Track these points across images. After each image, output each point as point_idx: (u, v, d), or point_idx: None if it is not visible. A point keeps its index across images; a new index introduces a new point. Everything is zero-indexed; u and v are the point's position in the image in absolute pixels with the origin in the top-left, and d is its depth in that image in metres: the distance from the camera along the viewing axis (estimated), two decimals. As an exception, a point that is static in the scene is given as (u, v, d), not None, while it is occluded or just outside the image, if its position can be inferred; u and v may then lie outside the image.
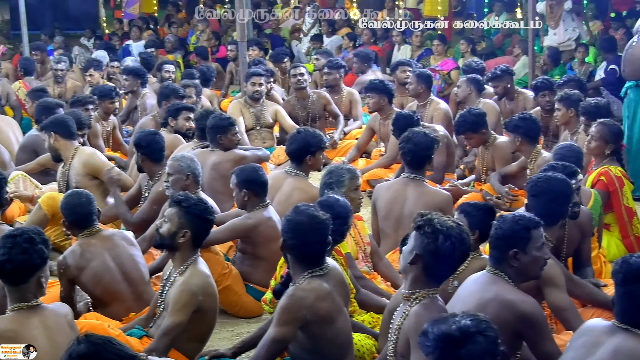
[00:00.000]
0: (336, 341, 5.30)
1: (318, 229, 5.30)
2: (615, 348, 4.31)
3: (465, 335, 3.84)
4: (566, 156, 7.40)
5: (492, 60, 16.92)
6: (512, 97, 11.78)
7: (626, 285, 4.40)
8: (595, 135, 8.04)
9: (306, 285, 5.22)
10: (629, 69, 10.00)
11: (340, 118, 12.48)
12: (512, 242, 5.05)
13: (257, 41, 17.46)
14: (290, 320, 5.15)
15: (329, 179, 6.92)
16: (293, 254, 5.35)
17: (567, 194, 6.10)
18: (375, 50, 17.88)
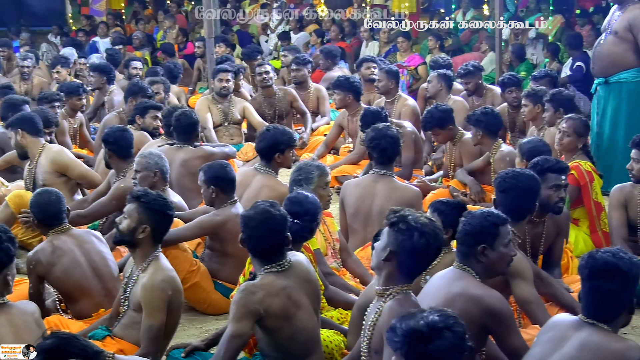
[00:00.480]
0: (298, 338, 5.29)
1: (267, 224, 5.29)
2: (582, 342, 4.34)
3: (433, 330, 3.85)
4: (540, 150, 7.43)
5: (460, 57, 16.99)
6: (480, 94, 11.84)
7: (592, 280, 4.43)
8: (568, 130, 8.08)
9: (258, 282, 5.24)
10: (598, 66, 10.07)
11: (307, 115, 12.49)
12: (480, 238, 5.07)
13: (224, 38, 17.41)
14: (243, 315, 5.15)
15: (298, 175, 6.93)
16: (248, 248, 5.39)
17: (534, 190, 6.13)
18: (342, 46, 17.90)
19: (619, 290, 4.39)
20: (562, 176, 6.70)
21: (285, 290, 5.26)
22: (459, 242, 5.16)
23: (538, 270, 6.43)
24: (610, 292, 4.39)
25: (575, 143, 8.11)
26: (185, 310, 7.26)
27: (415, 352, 3.85)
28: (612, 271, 4.37)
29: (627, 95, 9.87)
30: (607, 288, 4.39)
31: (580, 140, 8.15)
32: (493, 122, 9.00)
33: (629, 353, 4.20)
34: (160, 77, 12.55)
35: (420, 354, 3.85)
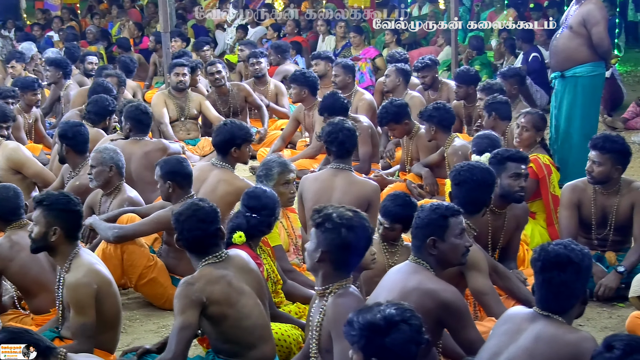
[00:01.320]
0: (244, 324, 5.31)
1: (196, 215, 5.35)
2: (537, 334, 4.37)
3: (390, 323, 3.88)
4: (488, 146, 7.49)
5: (416, 51, 17.05)
6: (436, 88, 11.91)
7: (544, 272, 4.47)
8: (527, 125, 8.13)
9: (196, 274, 5.30)
10: (554, 60, 10.14)
11: (263, 109, 12.47)
12: (430, 230, 5.10)
13: (179, 32, 17.35)
14: (187, 306, 5.18)
15: (260, 171, 6.96)
16: (183, 246, 5.45)
17: (489, 183, 6.17)
18: (299, 40, 17.90)
19: (572, 281, 4.43)
20: (522, 165, 6.77)
21: (224, 277, 5.31)
22: (412, 235, 5.19)
23: (495, 264, 6.46)
24: (563, 284, 4.43)
25: (533, 137, 8.17)
26: (143, 305, 7.27)
27: (373, 346, 3.88)
28: (564, 263, 4.41)
29: (582, 90, 9.93)
30: (560, 280, 4.43)
31: (539, 134, 8.22)
32: (445, 116, 9.10)
33: (583, 344, 4.24)
34: (115, 71, 12.49)
35: (377, 347, 3.87)
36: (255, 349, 5.36)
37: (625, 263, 7.05)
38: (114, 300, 5.80)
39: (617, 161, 7.16)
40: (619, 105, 14.44)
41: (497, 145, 7.67)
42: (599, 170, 7.17)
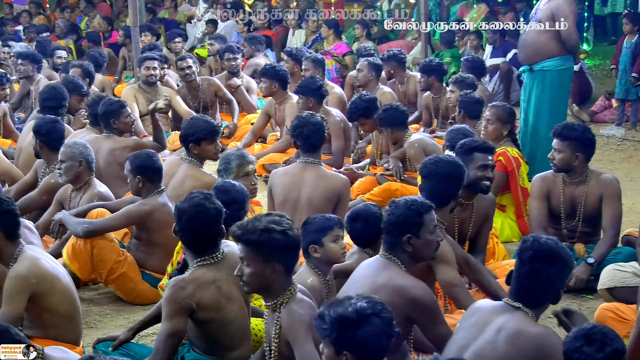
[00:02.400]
0: (228, 330, 5.29)
1: (200, 218, 5.28)
2: (501, 326, 4.37)
3: (361, 317, 3.89)
4: (456, 138, 7.52)
5: (386, 44, 17.07)
6: (403, 81, 11.97)
7: (533, 262, 4.47)
8: (492, 118, 8.17)
9: (187, 276, 5.23)
10: (523, 54, 10.20)
11: (233, 103, 12.44)
12: (406, 227, 5.10)
13: (149, 26, 17.27)
14: (176, 312, 5.13)
15: (220, 165, 6.97)
16: (182, 240, 5.40)
17: (455, 176, 6.16)
18: (269, 34, 17.87)
19: (555, 277, 4.47)
20: (489, 156, 6.79)
21: (215, 282, 5.25)
22: (385, 232, 5.18)
23: (467, 256, 6.49)
24: (547, 277, 4.46)
25: (499, 130, 8.20)
26: (113, 300, 7.25)
27: (344, 339, 3.89)
28: (555, 257, 4.45)
29: (551, 83, 9.99)
30: (546, 273, 4.46)
31: (505, 127, 8.25)
32: (395, 114, 9.19)
33: (545, 338, 4.25)
34: (81, 62, 12.42)
35: (348, 341, 3.89)
36: (233, 351, 5.36)
37: (594, 254, 7.09)
38: (64, 296, 5.71)
39: (577, 148, 7.20)
40: (588, 98, 14.55)
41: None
42: (559, 157, 7.23)
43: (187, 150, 7.83)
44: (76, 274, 6.92)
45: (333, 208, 7.28)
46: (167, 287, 5.23)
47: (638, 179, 10.51)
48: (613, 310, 6.13)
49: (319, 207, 7.17)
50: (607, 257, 7.04)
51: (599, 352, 3.89)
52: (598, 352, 3.89)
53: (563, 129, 7.30)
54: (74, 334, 5.82)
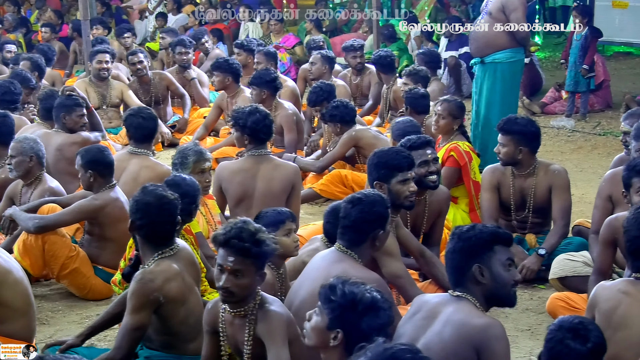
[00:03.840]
0: (189, 321, 5.27)
1: (166, 208, 5.26)
2: (447, 318, 4.37)
3: (375, 306, 3.92)
4: (408, 131, 7.54)
5: (338, 37, 17.10)
6: (359, 72, 12.02)
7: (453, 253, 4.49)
8: (443, 113, 8.17)
9: (154, 268, 5.17)
10: (474, 46, 10.25)
11: (186, 97, 12.39)
12: (377, 224, 5.14)
13: (100, 19, 17.14)
14: (143, 305, 5.09)
15: (176, 159, 6.92)
16: (142, 234, 5.29)
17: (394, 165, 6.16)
18: (220, 28, 17.82)
19: (453, 252, 4.46)
20: (428, 150, 6.80)
21: (180, 274, 5.23)
22: (351, 229, 5.13)
23: (422, 249, 6.53)
24: (447, 255, 4.50)
25: (450, 125, 8.21)
26: (65, 296, 7.20)
27: (346, 318, 3.90)
28: (452, 235, 4.48)
29: (502, 76, 10.05)
30: (446, 250, 4.50)
31: (456, 122, 8.26)
32: (346, 112, 9.25)
33: (489, 330, 4.24)
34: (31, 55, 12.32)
35: (349, 322, 3.90)
36: (192, 343, 5.32)
37: (545, 245, 7.15)
38: (16, 289, 5.60)
39: (520, 142, 7.25)
40: (538, 90, 14.67)
41: (418, 131, 7.73)
42: (504, 151, 7.28)
43: (136, 143, 7.81)
44: (27, 270, 6.84)
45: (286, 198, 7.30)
46: (134, 281, 5.17)
47: (588, 170, 10.61)
48: (564, 300, 6.21)
49: (275, 200, 7.17)
50: (558, 247, 7.11)
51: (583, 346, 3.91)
52: (582, 345, 3.91)
53: (506, 123, 7.35)
54: (28, 330, 5.75)
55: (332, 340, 3.89)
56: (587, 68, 12.71)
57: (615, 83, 14.37)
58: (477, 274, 4.39)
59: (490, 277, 4.39)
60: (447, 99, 8.32)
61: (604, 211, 6.62)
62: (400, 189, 6.14)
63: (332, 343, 3.90)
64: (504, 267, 4.42)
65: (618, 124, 10.49)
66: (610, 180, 6.76)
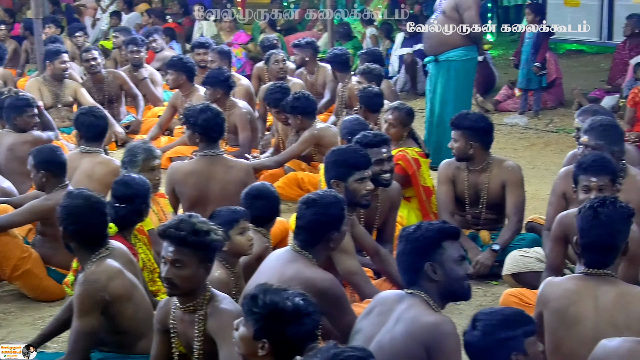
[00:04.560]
0: (137, 317, 5.26)
1: (97, 208, 5.26)
2: (400, 315, 4.38)
3: (297, 314, 3.89)
4: (356, 129, 7.55)
5: (293, 36, 17.08)
6: (312, 71, 12.01)
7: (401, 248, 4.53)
8: (394, 122, 8.08)
9: (95, 268, 5.15)
10: (428, 45, 10.33)
11: (139, 98, 12.31)
12: (333, 226, 5.15)
13: (53, 18, 17.00)
14: (90, 308, 5.06)
15: (125, 157, 6.87)
16: (77, 239, 5.27)
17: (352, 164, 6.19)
18: (172, 27, 17.76)
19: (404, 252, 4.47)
20: (382, 149, 6.81)
21: (121, 271, 5.21)
22: (305, 230, 5.14)
23: (377, 247, 6.54)
24: (398, 255, 4.52)
25: (400, 132, 8.13)
26: (18, 297, 7.14)
27: (270, 328, 3.88)
28: (401, 235, 4.51)
29: (455, 74, 10.15)
30: (398, 251, 4.52)
31: (406, 129, 8.19)
32: (307, 104, 9.24)
33: (440, 326, 4.24)
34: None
35: (274, 332, 3.88)
36: (143, 339, 5.29)
37: (499, 241, 7.20)
38: None
39: (471, 137, 7.29)
40: (492, 87, 14.77)
41: (366, 129, 7.74)
42: (456, 146, 7.33)
43: (87, 142, 7.77)
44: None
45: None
46: (78, 284, 5.13)
47: (541, 166, 10.70)
48: (517, 296, 6.24)
49: (230, 201, 7.13)
50: (511, 243, 7.15)
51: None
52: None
53: (457, 118, 7.41)
54: None
55: (260, 350, 3.90)
56: (539, 66, 12.80)
57: (568, 81, 14.49)
58: (430, 272, 4.41)
59: (443, 273, 4.41)
60: (397, 107, 8.19)
61: (557, 208, 6.68)
62: (358, 187, 6.16)
63: (260, 353, 3.90)
64: (455, 262, 4.44)
65: (570, 121, 10.63)
66: (564, 178, 6.82)
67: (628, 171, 6.54)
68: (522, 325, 3.93)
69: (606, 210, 4.69)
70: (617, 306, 4.57)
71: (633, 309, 4.53)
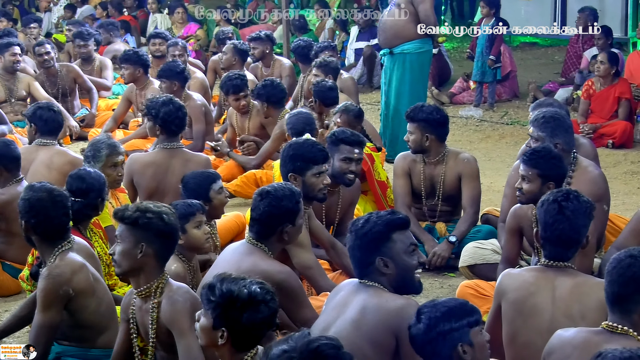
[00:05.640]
0: (99, 311, 5.23)
1: (59, 200, 5.22)
2: (362, 305, 4.39)
3: (252, 301, 3.89)
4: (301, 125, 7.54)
5: (248, 28, 17.05)
6: (268, 64, 11.99)
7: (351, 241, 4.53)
8: (343, 125, 7.98)
9: (59, 262, 5.11)
10: (382, 37, 10.35)
11: (93, 91, 12.24)
12: (286, 218, 5.17)
13: (4, 12, 16.87)
14: (53, 301, 5.03)
15: (88, 151, 6.83)
16: (39, 233, 5.21)
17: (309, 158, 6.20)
18: (127, 19, 17.67)
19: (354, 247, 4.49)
20: (356, 149, 6.82)
21: (84, 265, 5.18)
22: (261, 223, 5.15)
23: (333, 241, 6.55)
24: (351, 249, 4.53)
25: None
26: (-27, 293, 7.07)
27: (227, 316, 3.88)
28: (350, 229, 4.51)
29: (410, 66, 10.20)
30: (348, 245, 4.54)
31: (357, 129, 8.18)
32: (274, 92, 9.26)
33: (406, 310, 4.26)
34: None
35: (231, 319, 3.88)
36: (105, 333, 5.27)
37: (455, 233, 7.23)
38: None
39: (426, 129, 7.30)
40: (447, 80, 14.85)
41: (312, 124, 7.72)
42: (412, 139, 7.35)
43: (43, 136, 7.72)
44: None
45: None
46: (41, 278, 5.09)
47: (496, 159, 10.77)
48: (473, 287, 6.28)
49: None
50: (467, 235, 7.19)
51: None
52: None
53: (412, 111, 7.42)
54: None
55: (219, 339, 3.91)
56: (494, 59, 12.89)
57: (522, 73, 14.60)
58: (381, 266, 4.44)
59: (394, 266, 4.44)
60: (345, 109, 8.10)
61: (512, 200, 6.67)
62: (315, 181, 6.17)
63: (220, 342, 3.91)
64: (406, 253, 4.47)
65: (525, 113, 10.70)
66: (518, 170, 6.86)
67: (579, 163, 6.56)
68: (466, 315, 3.96)
69: (570, 204, 4.70)
70: (573, 296, 4.60)
71: (588, 299, 4.57)
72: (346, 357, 3.30)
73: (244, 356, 3.91)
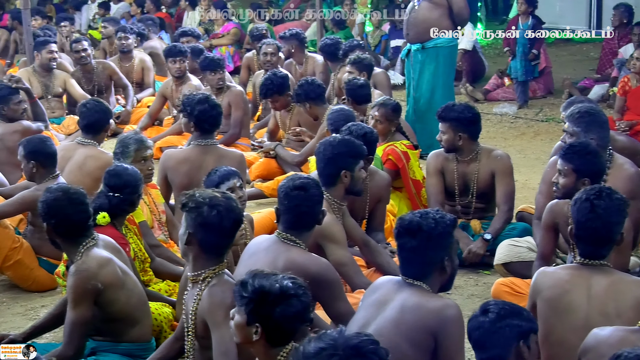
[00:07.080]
0: (130, 303, 5.27)
1: (75, 198, 5.25)
2: (402, 303, 4.39)
3: (284, 295, 3.90)
4: (341, 121, 7.53)
5: (282, 25, 17.08)
6: (300, 61, 12.00)
7: (398, 238, 4.51)
8: (380, 118, 8.03)
9: (85, 258, 5.15)
10: (413, 32, 10.32)
11: (129, 88, 12.30)
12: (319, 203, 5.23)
13: (38, 10, 16.99)
14: (83, 297, 5.07)
15: (117, 148, 6.86)
16: (60, 233, 5.26)
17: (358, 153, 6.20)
18: (162, 16, 17.75)
19: (422, 248, 4.44)
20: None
21: (111, 259, 5.22)
22: (292, 216, 5.17)
23: (367, 239, 6.52)
24: (412, 250, 4.47)
25: (388, 128, 8.07)
26: (9, 288, 7.14)
27: (260, 311, 3.90)
28: (414, 230, 4.45)
29: (444, 60, 10.19)
30: (410, 246, 4.47)
31: (393, 124, 8.15)
32: (311, 89, 9.23)
33: (446, 311, 4.28)
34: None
35: (264, 314, 3.89)
36: (137, 326, 5.31)
37: (490, 230, 7.20)
38: None
39: (458, 128, 7.27)
40: (481, 77, 14.79)
41: (353, 120, 7.72)
42: (444, 138, 7.32)
43: (84, 133, 7.76)
44: (-30, 263, 6.81)
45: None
46: (70, 275, 5.13)
47: (531, 156, 10.72)
48: (509, 285, 6.25)
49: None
50: (502, 233, 7.16)
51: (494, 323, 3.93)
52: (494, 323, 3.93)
53: (443, 110, 7.37)
54: None
55: (254, 335, 3.92)
56: (537, 53, 12.91)
57: (557, 70, 14.51)
58: (447, 265, 4.48)
59: (452, 265, 4.50)
60: (383, 104, 8.09)
61: (548, 197, 6.63)
62: (361, 175, 6.24)
63: (254, 338, 3.93)
64: (455, 253, 4.55)
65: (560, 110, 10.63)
66: (554, 166, 6.80)
67: (615, 160, 6.50)
68: (531, 321, 3.97)
69: (602, 202, 4.67)
70: (609, 294, 4.57)
71: (624, 297, 4.54)
72: (383, 352, 3.31)
73: (279, 352, 3.92)
